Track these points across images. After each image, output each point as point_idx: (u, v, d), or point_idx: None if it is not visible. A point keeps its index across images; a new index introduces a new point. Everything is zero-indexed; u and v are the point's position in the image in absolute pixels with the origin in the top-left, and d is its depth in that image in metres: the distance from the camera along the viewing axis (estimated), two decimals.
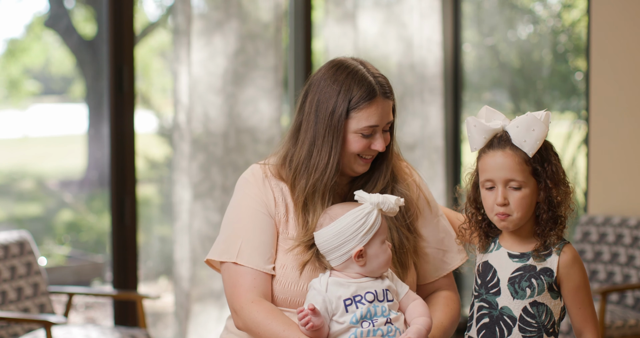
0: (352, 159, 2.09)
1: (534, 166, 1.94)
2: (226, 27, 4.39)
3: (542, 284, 1.96)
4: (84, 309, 4.92)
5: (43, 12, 4.92)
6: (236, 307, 2.05)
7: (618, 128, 4.48)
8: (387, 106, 2.08)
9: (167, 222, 4.96)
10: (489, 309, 2.00)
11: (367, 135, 2.07)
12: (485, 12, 5.52)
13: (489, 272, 2.02)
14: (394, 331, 1.93)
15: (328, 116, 2.06)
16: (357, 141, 2.07)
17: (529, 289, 1.96)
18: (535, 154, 1.94)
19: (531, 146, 1.92)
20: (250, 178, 2.16)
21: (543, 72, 5.38)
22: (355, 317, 1.92)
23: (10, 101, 4.95)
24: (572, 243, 4.47)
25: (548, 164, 1.95)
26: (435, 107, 5.17)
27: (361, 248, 1.96)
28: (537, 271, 1.97)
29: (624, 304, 4.20)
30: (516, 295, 1.97)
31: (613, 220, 4.36)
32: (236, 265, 2.07)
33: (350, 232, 1.97)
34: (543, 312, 1.97)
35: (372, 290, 1.96)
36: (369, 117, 2.06)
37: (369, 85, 2.07)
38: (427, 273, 2.20)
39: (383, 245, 1.98)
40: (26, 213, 4.98)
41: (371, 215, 1.97)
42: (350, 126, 2.07)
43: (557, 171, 1.96)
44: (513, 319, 1.97)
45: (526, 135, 1.92)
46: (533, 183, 1.95)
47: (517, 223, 1.97)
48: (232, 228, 2.13)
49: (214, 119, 4.36)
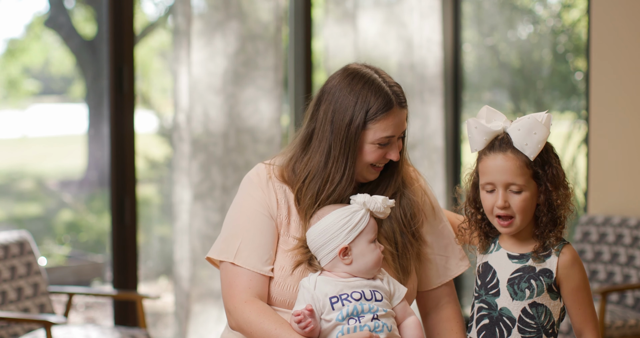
0: (365, 168, 2.09)
1: (535, 169, 1.94)
2: (226, 27, 4.39)
3: (542, 285, 1.96)
4: (84, 309, 4.92)
5: (43, 12, 4.92)
6: (230, 307, 2.05)
7: (618, 128, 4.48)
8: (402, 116, 2.08)
9: (167, 222, 4.96)
10: (488, 310, 2.00)
11: (383, 145, 2.07)
12: (485, 12, 5.52)
13: (489, 273, 2.02)
14: (382, 326, 1.93)
15: (345, 127, 2.05)
16: (373, 151, 2.07)
17: (528, 290, 1.96)
18: (536, 157, 1.94)
19: (532, 150, 1.92)
20: (255, 179, 2.16)
21: (543, 72, 5.38)
22: (341, 314, 1.93)
23: (10, 101, 4.95)
24: (572, 243, 4.46)
25: (549, 167, 1.95)
26: (435, 107, 5.17)
27: (346, 246, 1.97)
28: (536, 272, 1.97)
29: (624, 304, 4.20)
30: (515, 296, 1.97)
31: (613, 220, 4.36)
32: (233, 266, 2.08)
33: (335, 229, 1.98)
34: (542, 313, 1.97)
35: (359, 290, 1.96)
36: (387, 129, 2.05)
37: (386, 96, 2.05)
38: (429, 279, 2.19)
39: (371, 245, 1.98)
40: (26, 213, 4.98)
41: (357, 213, 1.98)
42: (367, 137, 2.06)
43: (557, 174, 1.95)
44: (512, 320, 1.97)
45: (528, 138, 1.92)
46: (533, 186, 1.95)
47: (518, 226, 1.97)
48: (232, 228, 2.13)
49: (214, 119, 4.36)
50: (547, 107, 5.38)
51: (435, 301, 2.21)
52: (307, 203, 2.08)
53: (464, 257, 2.22)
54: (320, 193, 2.07)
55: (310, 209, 2.07)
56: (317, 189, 2.07)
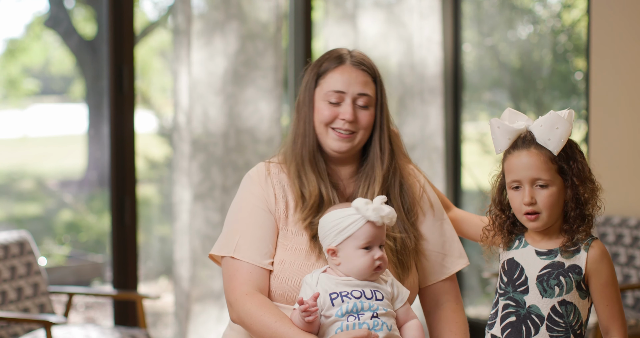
0: (324, 132, 2.12)
1: (560, 164, 1.94)
2: (226, 27, 4.39)
3: (571, 282, 1.94)
4: (84, 309, 4.92)
5: (43, 12, 4.92)
6: (231, 299, 2.08)
7: (618, 128, 4.49)
8: (358, 76, 2.10)
9: (167, 222, 4.96)
10: (515, 307, 1.98)
11: (335, 103, 2.09)
12: (485, 12, 5.52)
13: (516, 270, 1.99)
14: (381, 325, 1.93)
15: (302, 91, 2.14)
16: (324, 108, 2.11)
17: (557, 287, 1.94)
18: (561, 152, 1.94)
19: (556, 144, 1.92)
20: (254, 176, 2.20)
21: (543, 72, 5.38)
22: (340, 310, 1.93)
23: (10, 100, 4.95)
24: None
25: (574, 162, 1.95)
26: (435, 107, 5.17)
27: (333, 248, 1.98)
28: (565, 269, 1.95)
29: (624, 304, 4.20)
30: (545, 294, 1.95)
31: (613, 220, 4.36)
32: (234, 260, 2.11)
33: (327, 228, 1.99)
34: (571, 312, 1.95)
35: (360, 289, 1.96)
36: (335, 83, 2.09)
37: (340, 55, 2.13)
38: (425, 276, 2.20)
39: (359, 251, 1.95)
40: (26, 213, 4.98)
41: (349, 217, 1.96)
42: (318, 94, 2.12)
43: (583, 169, 1.96)
44: (541, 318, 1.95)
45: (550, 133, 1.92)
46: (560, 181, 1.94)
47: (546, 221, 1.96)
48: (232, 224, 2.16)
49: (214, 119, 4.36)
50: (547, 107, 5.38)
51: (435, 298, 2.22)
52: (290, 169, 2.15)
53: (463, 255, 2.23)
54: (295, 155, 2.14)
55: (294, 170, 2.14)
56: (292, 153, 2.15)
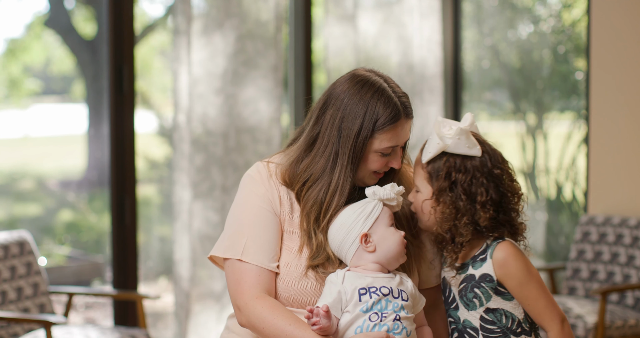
0: (367, 174, 2.12)
1: (430, 173, 2.04)
2: (226, 27, 4.39)
3: (486, 291, 1.97)
4: (84, 309, 4.93)
5: (43, 12, 4.92)
6: (240, 303, 2.05)
7: (618, 128, 4.49)
8: (408, 126, 2.11)
9: (167, 222, 4.96)
10: (455, 323, 2.05)
11: (386, 154, 2.09)
12: (485, 12, 5.52)
13: (446, 288, 2.07)
14: (401, 329, 1.93)
15: (353, 136, 2.06)
16: (376, 160, 2.09)
17: (476, 299, 1.98)
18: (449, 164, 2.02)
19: (425, 154, 2.06)
20: (256, 176, 2.17)
21: (543, 72, 5.38)
22: (366, 305, 1.94)
23: (11, 100, 4.96)
24: (572, 243, 4.47)
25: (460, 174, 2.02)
26: (435, 107, 5.17)
27: (365, 232, 1.99)
28: (476, 280, 1.98)
29: (624, 304, 4.20)
30: (468, 307, 2.00)
31: (613, 220, 4.36)
32: (241, 262, 2.08)
33: (351, 220, 2.01)
34: (502, 316, 1.98)
35: (388, 286, 1.97)
36: (392, 139, 2.08)
37: (395, 107, 2.07)
38: (424, 279, 2.20)
39: (390, 228, 2.01)
40: (26, 213, 4.98)
41: (370, 203, 2.02)
42: (372, 146, 2.08)
43: (469, 180, 2.00)
44: (475, 330, 2.00)
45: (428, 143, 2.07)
46: (430, 189, 2.03)
47: (425, 225, 2.05)
48: (238, 225, 2.13)
49: (214, 119, 4.36)
50: (547, 107, 5.38)
51: (431, 299, 2.22)
52: (307, 207, 2.09)
53: None
54: (324, 200, 2.08)
55: (313, 211, 2.08)
56: (321, 196, 2.08)
